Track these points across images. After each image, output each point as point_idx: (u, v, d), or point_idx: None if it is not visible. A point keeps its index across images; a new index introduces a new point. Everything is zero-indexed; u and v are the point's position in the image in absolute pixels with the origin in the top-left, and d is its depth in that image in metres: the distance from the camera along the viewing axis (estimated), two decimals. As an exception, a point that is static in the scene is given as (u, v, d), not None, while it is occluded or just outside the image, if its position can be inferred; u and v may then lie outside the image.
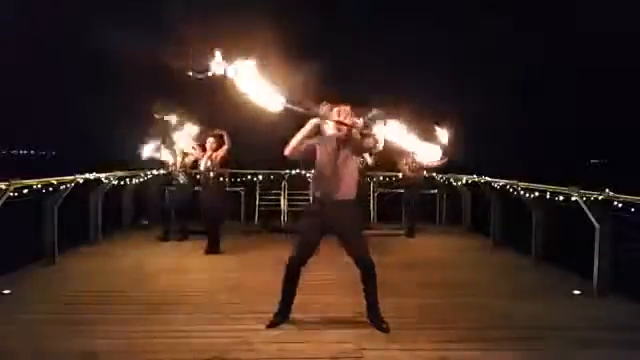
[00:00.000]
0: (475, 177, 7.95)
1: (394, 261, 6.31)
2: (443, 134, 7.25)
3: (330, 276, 5.32)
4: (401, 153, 7.32)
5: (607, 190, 4.76)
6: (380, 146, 3.79)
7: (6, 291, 4.69)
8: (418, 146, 3.83)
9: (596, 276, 5.03)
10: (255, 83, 3.28)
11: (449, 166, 8.65)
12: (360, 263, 3.86)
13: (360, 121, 3.78)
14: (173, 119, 7.32)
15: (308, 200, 9.49)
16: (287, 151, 3.85)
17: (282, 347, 3.54)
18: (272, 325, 3.86)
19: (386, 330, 3.82)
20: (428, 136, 7.40)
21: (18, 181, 4.99)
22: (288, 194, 9.82)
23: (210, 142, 6.80)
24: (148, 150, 7.47)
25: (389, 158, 8.30)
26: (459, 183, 8.81)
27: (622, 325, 4.13)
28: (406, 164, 8.24)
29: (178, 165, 7.47)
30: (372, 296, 3.92)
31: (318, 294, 4.75)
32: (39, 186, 5.40)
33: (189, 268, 5.90)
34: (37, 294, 4.73)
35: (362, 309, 4.01)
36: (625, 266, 5.33)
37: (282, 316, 3.93)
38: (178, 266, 6.01)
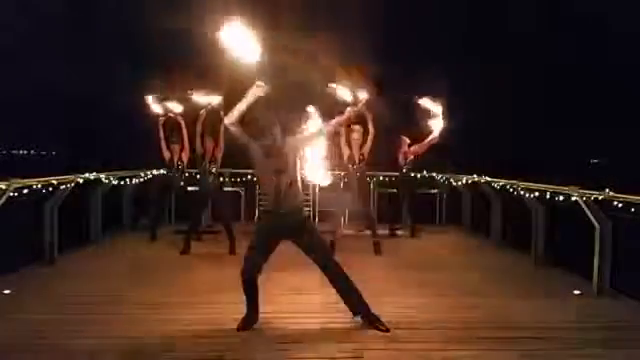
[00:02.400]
0: (475, 177, 7.95)
1: (394, 261, 6.32)
2: (436, 108, 7.39)
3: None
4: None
5: (607, 190, 4.77)
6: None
7: (6, 291, 4.69)
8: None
9: (596, 276, 5.03)
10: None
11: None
12: (323, 265, 3.88)
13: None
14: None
15: (309, 200, 9.49)
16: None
17: (282, 347, 3.54)
18: (243, 329, 3.83)
19: (386, 330, 3.82)
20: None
21: (18, 181, 4.99)
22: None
23: (207, 140, 6.75)
24: (155, 104, 7.39)
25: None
26: (459, 183, 8.82)
27: (622, 325, 4.13)
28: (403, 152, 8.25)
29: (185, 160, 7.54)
30: (350, 295, 3.91)
31: (318, 294, 4.76)
32: (39, 186, 5.40)
33: (189, 268, 5.90)
34: (37, 294, 4.73)
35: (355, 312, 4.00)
36: (625, 266, 5.33)
37: (251, 318, 3.91)
38: (178, 266, 6.01)
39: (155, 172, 8.47)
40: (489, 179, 7.50)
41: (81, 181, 6.26)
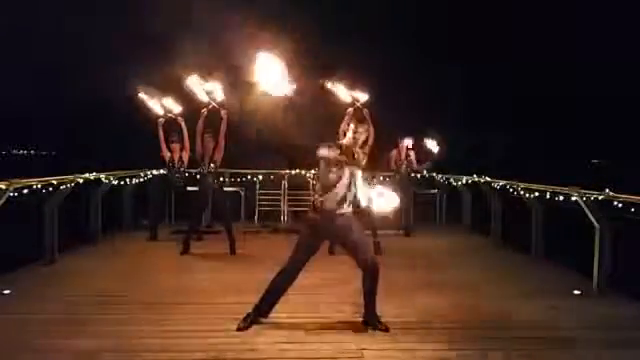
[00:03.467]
0: (475, 177, 7.96)
1: (394, 261, 6.31)
2: (432, 144, 8.12)
3: (330, 275, 5.32)
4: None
5: (607, 190, 4.77)
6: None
7: (6, 291, 4.69)
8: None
9: (596, 276, 5.04)
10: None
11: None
12: (363, 264, 3.88)
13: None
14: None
15: (308, 201, 9.49)
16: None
17: (282, 347, 3.54)
18: (243, 329, 3.83)
19: (386, 330, 3.82)
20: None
21: (18, 181, 4.99)
22: (288, 194, 9.82)
23: (208, 140, 6.75)
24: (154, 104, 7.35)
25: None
26: (459, 183, 8.82)
27: (622, 325, 4.13)
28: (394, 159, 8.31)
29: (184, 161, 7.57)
30: (371, 301, 3.92)
31: (318, 294, 4.76)
32: (39, 186, 5.40)
33: (189, 268, 5.90)
34: (37, 294, 4.73)
35: (362, 309, 4.01)
36: (625, 266, 5.33)
37: (253, 318, 3.92)
38: (178, 266, 6.01)
39: (155, 172, 8.47)
40: (489, 179, 7.51)
41: (81, 181, 6.26)
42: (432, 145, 8.38)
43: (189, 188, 7.82)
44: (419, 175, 9.18)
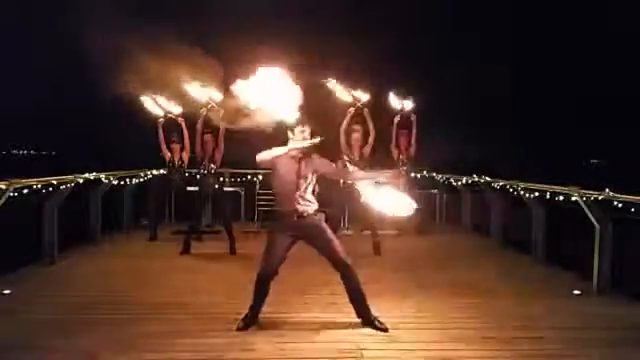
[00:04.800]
0: (475, 177, 7.95)
1: (394, 261, 6.32)
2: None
3: (330, 276, 5.31)
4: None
5: (607, 190, 4.77)
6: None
7: (6, 291, 4.69)
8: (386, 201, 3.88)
9: (596, 276, 5.04)
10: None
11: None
12: (336, 264, 3.90)
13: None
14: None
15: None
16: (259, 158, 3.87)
17: (282, 347, 3.54)
18: (243, 328, 3.83)
19: (385, 330, 3.82)
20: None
21: (18, 181, 4.99)
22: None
23: (207, 140, 6.73)
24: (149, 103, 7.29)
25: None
26: (459, 183, 8.82)
27: (622, 324, 4.13)
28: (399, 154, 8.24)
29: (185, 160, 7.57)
30: (359, 300, 3.93)
31: (317, 294, 4.76)
32: (39, 186, 5.40)
33: (189, 268, 5.90)
34: (37, 294, 4.73)
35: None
36: (625, 266, 5.33)
37: (252, 318, 3.92)
38: (178, 266, 6.01)
39: (155, 172, 8.47)
40: (489, 179, 7.50)
41: (81, 181, 6.26)
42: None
43: (189, 188, 7.81)
44: (419, 175, 9.19)
